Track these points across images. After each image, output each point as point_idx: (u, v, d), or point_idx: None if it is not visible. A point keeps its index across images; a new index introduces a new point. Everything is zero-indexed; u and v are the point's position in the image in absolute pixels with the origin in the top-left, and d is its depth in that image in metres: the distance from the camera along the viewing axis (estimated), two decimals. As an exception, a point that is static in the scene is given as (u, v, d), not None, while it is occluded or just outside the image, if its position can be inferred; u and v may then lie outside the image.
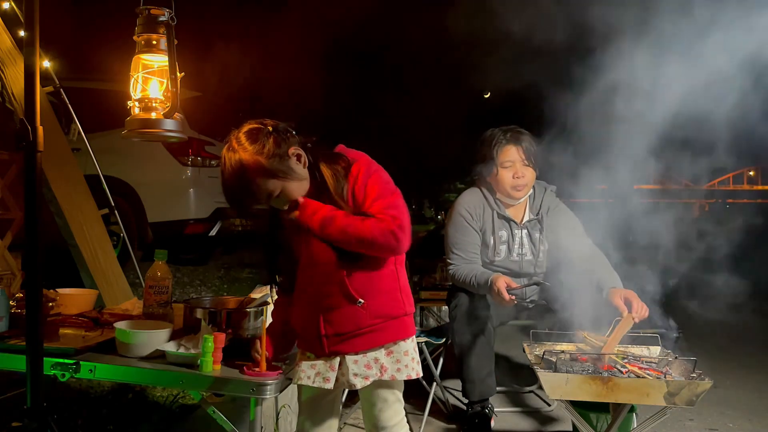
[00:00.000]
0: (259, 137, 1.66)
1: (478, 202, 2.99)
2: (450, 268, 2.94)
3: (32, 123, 1.60)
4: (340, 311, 1.75)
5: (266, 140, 1.65)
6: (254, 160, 1.63)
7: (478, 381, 2.82)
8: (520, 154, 2.90)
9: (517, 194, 2.93)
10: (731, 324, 5.83)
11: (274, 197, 1.70)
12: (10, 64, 3.19)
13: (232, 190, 1.68)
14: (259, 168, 1.64)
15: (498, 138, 2.93)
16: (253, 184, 1.65)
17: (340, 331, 1.76)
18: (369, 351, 1.77)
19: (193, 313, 2.09)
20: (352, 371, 1.75)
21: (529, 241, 2.99)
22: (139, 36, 2.19)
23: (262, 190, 1.67)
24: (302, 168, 1.71)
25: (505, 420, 3.12)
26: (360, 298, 1.73)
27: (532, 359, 2.28)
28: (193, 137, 5.82)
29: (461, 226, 2.96)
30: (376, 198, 1.69)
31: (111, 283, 3.48)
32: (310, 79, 8.71)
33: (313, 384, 1.79)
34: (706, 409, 3.29)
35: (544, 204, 3.00)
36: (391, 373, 1.77)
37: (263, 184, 1.66)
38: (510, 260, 2.99)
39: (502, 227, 2.97)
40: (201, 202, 6.17)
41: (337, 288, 1.74)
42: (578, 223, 2.98)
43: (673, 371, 2.14)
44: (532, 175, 2.94)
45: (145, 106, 2.19)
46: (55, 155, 3.31)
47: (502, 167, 2.91)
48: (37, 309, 1.61)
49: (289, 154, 1.68)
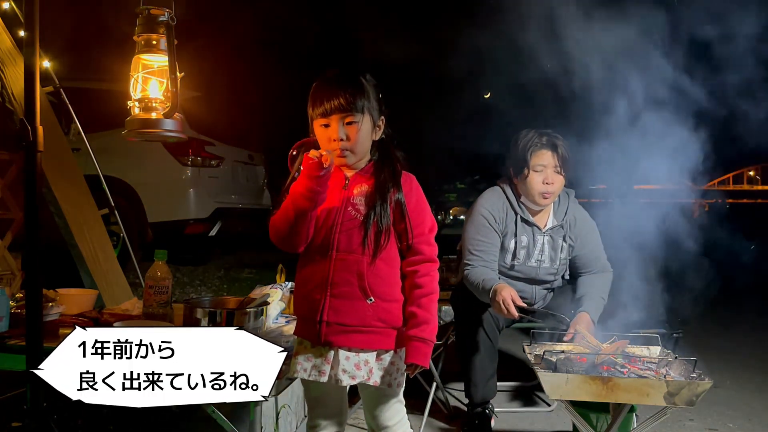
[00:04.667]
0: (377, 85, 1.82)
1: (501, 204, 2.90)
2: (466, 269, 2.84)
3: (32, 123, 1.60)
4: (348, 302, 1.75)
5: (378, 90, 1.81)
6: (368, 85, 1.78)
7: (481, 383, 2.81)
8: (555, 160, 2.80)
9: (543, 201, 2.84)
10: (732, 324, 5.85)
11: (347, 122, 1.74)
12: (10, 64, 3.19)
13: (346, 81, 1.76)
14: (373, 86, 1.79)
15: (533, 140, 2.82)
16: (363, 89, 1.75)
17: (342, 322, 1.75)
18: (362, 351, 1.77)
19: (193, 313, 2.09)
20: (342, 367, 1.75)
21: (550, 248, 2.90)
22: (139, 36, 2.19)
23: (356, 101, 1.73)
24: (374, 135, 1.80)
25: (505, 420, 3.12)
26: (372, 296, 1.75)
27: (532, 359, 2.28)
28: (193, 137, 5.83)
29: (482, 227, 2.87)
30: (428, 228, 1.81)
31: (111, 283, 3.48)
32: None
33: (309, 377, 1.79)
34: (706, 409, 3.29)
35: (570, 212, 2.91)
36: (374, 380, 1.77)
37: (363, 98, 1.74)
38: (527, 266, 2.91)
39: (524, 232, 2.88)
40: (201, 202, 6.17)
41: (355, 278, 1.75)
42: (598, 235, 2.94)
43: (673, 371, 2.14)
44: (561, 184, 2.84)
45: (145, 106, 2.19)
46: (55, 155, 3.31)
47: (533, 170, 2.80)
48: (37, 309, 1.61)
49: (383, 114, 1.81)
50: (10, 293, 2.33)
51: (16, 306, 2.25)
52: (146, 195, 6.00)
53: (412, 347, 1.74)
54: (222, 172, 6.49)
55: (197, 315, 2.08)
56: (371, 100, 1.77)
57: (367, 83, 1.79)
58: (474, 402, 2.84)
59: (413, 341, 1.74)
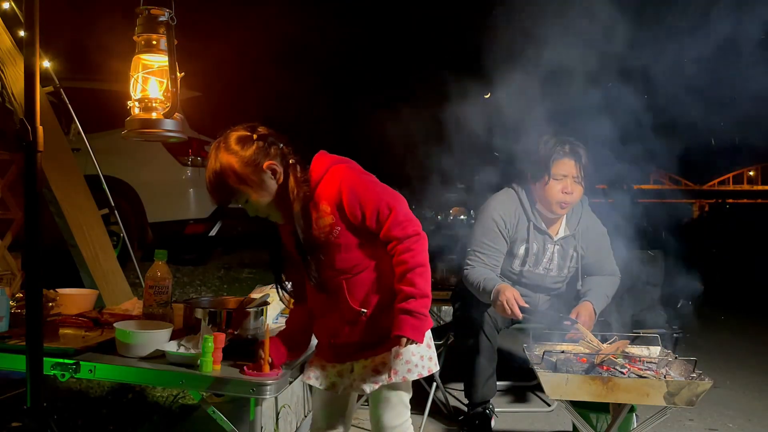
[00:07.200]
0: (245, 143, 1.72)
1: (514, 209, 2.85)
2: (466, 269, 2.84)
3: (32, 123, 1.60)
4: (345, 322, 1.78)
5: (248, 148, 1.71)
6: (230, 163, 1.71)
7: (480, 384, 2.81)
8: (576, 169, 2.75)
9: (560, 210, 2.80)
10: (732, 324, 5.84)
11: (243, 202, 1.76)
12: (10, 64, 3.19)
13: (209, 183, 1.76)
14: (233, 171, 1.71)
15: (556, 148, 2.77)
16: (225, 184, 1.72)
17: (346, 341, 1.80)
18: (377, 356, 1.79)
19: (193, 313, 2.09)
20: (361, 377, 1.78)
21: (559, 258, 2.88)
22: (139, 36, 2.19)
23: (231, 191, 1.73)
24: (274, 183, 1.75)
25: (505, 420, 3.12)
26: (363, 308, 1.76)
27: (532, 359, 2.28)
28: (193, 137, 5.82)
29: (491, 231, 2.83)
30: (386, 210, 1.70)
31: (111, 283, 3.47)
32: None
33: (320, 386, 1.84)
34: (706, 409, 3.29)
35: (582, 221, 2.88)
36: (402, 375, 1.78)
37: (233, 186, 1.72)
38: (535, 272, 2.89)
39: (535, 239, 2.85)
40: (201, 202, 6.16)
41: (339, 302, 1.77)
42: (608, 242, 2.91)
43: (673, 371, 2.14)
44: (580, 194, 2.80)
45: (145, 106, 2.18)
46: (55, 155, 3.30)
47: (554, 178, 2.75)
48: (37, 309, 1.61)
49: (264, 167, 1.72)
50: (10, 293, 2.33)
51: (16, 306, 2.24)
52: (146, 195, 5.99)
53: (398, 320, 1.68)
54: (222, 172, 6.48)
55: (197, 315, 2.07)
56: (238, 175, 1.71)
57: (227, 158, 1.71)
58: (474, 402, 2.84)
59: (398, 314, 1.69)
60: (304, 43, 12.32)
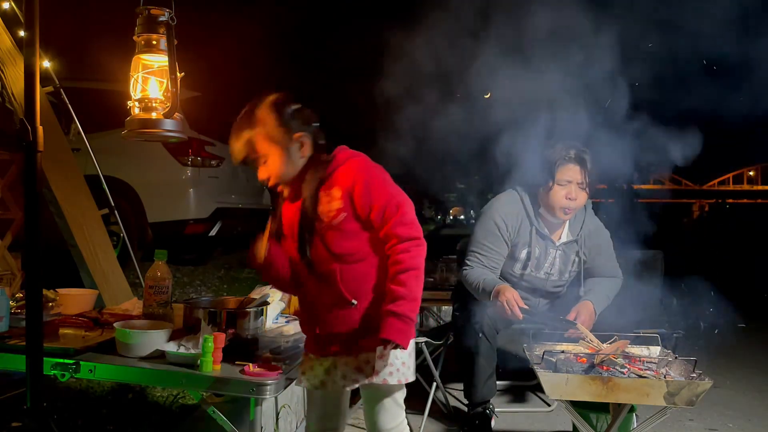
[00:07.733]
0: (285, 107, 1.76)
1: (516, 213, 2.83)
2: (465, 269, 2.83)
3: (32, 123, 1.60)
4: (333, 312, 1.77)
5: (285, 110, 1.75)
6: (266, 120, 1.74)
7: (480, 384, 2.80)
8: (581, 175, 2.73)
9: (563, 216, 2.77)
10: (732, 324, 5.84)
11: (262, 163, 1.76)
12: (10, 64, 3.19)
13: (235, 136, 1.76)
14: (265, 129, 1.74)
15: (561, 154, 2.74)
16: (253, 140, 1.74)
17: (333, 332, 1.78)
18: (361, 353, 1.77)
19: (193, 313, 2.09)
20: (343, 373, 1.77)
21: (561, 262, 2.86)
22: (139, 36, 2.19)
23: (256, 148, 1.75)
24: (299, 154, 1.77)
25: (505, 420, 3.12)
26: (353, 299, 1.75)
27: (532, 359, 2.28)
28: (193, 137, 5.82)
29: (492, 234, 2.81)
30: (394, 207, 1.71)
31: (111, 283, 3.48)
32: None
33: (310, 387, 1.84)
34: (706, 409, 3.29)
35: (586, 226, 2.86)
36: (383, 377, 1.76)
37: (260, 143, 1.74)
38: (535, 276, 2.88)
39: (537, 244, 2.83)
40: (201, 202, 6.16)
41: (331, 288, 1.76)
42: (610, 245, 2.90)
43: (673, 371, 2.14)
44: (584, 200, 2.77)
45: (145, 106, 2.18)
46: (55, 155, 3.31)
47: (558, 184, 2.72)
48: (37, 309, 1.61)
49: (295, 137, 1.76)
50: (10, 293, 2.33)
51: (16, 306, 2.25)
52: (146, 195, 5.99)
53: (385, 323, 1.66)
54: (222, 172, 6.48)
55: (197, 315, 2.07)
56: (270, 134, 1.74)
57: (265, 113, 1.75)
58: (473, 402, 2.84)
59: (386, 316, 1.67)
60: (305, 43, 12.31)
